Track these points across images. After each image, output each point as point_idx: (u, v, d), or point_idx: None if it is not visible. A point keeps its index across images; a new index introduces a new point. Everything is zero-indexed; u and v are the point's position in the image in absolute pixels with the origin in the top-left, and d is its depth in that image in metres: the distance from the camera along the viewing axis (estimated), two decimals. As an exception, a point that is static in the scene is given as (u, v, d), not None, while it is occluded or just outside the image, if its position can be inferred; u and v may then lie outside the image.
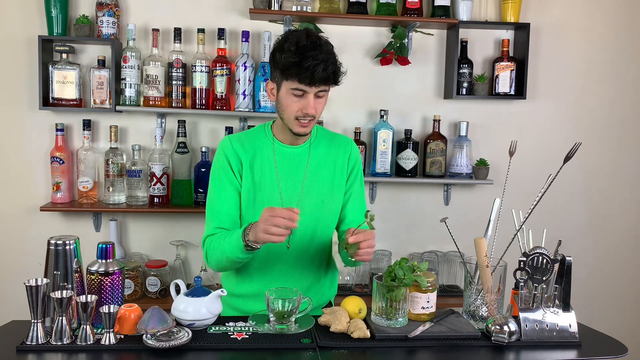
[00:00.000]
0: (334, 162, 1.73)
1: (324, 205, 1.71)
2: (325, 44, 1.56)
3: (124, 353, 1.31)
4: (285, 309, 1.41)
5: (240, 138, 1.71)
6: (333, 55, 1.56)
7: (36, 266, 2.47)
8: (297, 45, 1.52)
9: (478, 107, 2.77)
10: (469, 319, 1.52)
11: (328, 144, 1.75)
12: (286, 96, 1.58)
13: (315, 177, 1.71)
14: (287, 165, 1.69)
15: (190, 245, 2.67)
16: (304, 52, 1.51)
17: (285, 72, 1.54)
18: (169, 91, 2.53)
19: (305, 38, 1.53)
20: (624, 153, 2.89)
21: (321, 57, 1.51)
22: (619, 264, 2.95)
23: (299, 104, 1.57)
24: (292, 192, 1.69)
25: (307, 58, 1.50)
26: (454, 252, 2.70)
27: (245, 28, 2.57)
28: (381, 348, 1.37)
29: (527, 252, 1.45)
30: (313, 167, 1.71)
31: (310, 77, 1.51)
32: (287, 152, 1.70)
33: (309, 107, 1.56)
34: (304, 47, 1.51)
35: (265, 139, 1.71)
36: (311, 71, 1.50)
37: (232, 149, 1.68)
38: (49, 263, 1.40)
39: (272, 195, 1.68)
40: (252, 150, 1.69)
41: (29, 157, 2.56)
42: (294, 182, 1.69)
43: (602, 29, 2.80)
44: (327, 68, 1.52)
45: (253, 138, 1.72)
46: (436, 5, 2.60)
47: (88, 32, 2.45)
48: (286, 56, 1.52)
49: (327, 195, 1.71)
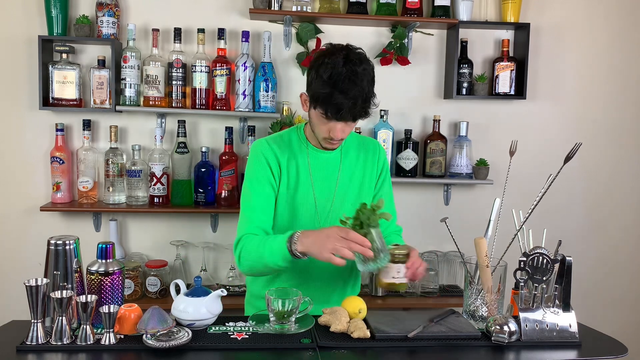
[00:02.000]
0: (363, 165, 1.74)
1: (355, 209, 1.71)
2: (362, 73, 1.49)
3: (124, 353, 1.31)
4: (285, 309, 1.41)
5: (276, 140, 1.70)
6: (366, 89, 1.49)
7: (36, 266, 2.47)
8: (331, 73, 1.47)
9: (478, 107, 2.77)
10: (469, 319, 1.52)
11: (358, 148, 1.76)
12: (315, 117, 1.58)
13: (347, 181, 1.72)
14: (321, 170, 1.70)
15: (190, 245, 2.67)
16: (336, 85, 1.47)
17: (315, 100, 1.53)
18: (169, 91, 2.53)
19: (342, 64, 1.48)
20: (624, 153, 2.89)
21: (352, 94, 1.47)
22: (619, 264, 2.95)
23: (327, 127, 1.56)
24: (326, 197, 1.69)
25: (337, 93, 1.46)
26: (454, 252, 2.70)
27: (245, 28, 2.57)
28: (381, 348, 1.37)
29: (527, 252, 1.45)
30: (345, 171, 1.72)
31: (336, 114, 1.50)
32: (321, 157, 1.70)
33: (336, 133, 1.56)
34: (338, 78, 1.46)
35: (299, 142, 1.71)
36: (338, 108, 1.48)
37: (270, 150, 1.67)
38: (49, 263, 1.40)
39: (307, 198, 1.68)
40: (287, 153, 1.68)
41: (29, 157, 2.56)
42: (327, 187, 1.70)
43: (602, 29, 2.80)
44: (355, 108, 1.49)
45: (287, 141, 1.71)
46: (436, 5, 2.60)
47: (88, 32, 2.45)
48: (318, 84, 1.50)
49: (358, 199, 1.71)
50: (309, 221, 1.69)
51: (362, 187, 1.74)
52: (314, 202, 1.69)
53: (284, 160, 1.67)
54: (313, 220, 1.69)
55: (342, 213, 1.68)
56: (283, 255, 1.48)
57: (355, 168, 1.73)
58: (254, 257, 1.56)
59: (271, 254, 1.51)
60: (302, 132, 1.72)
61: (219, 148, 2.61)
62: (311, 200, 1.69)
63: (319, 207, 1.69)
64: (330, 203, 1.70)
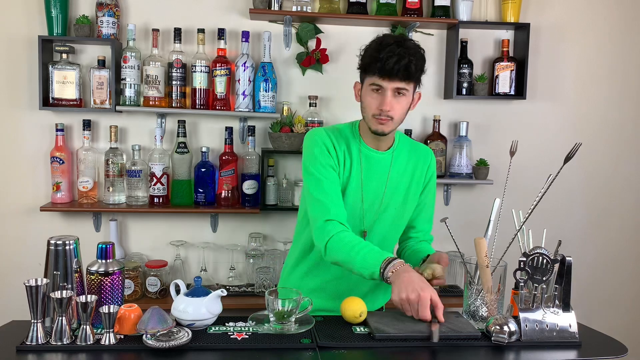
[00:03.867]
0: (412, 172, 1.73)
1: (398, 215, 1.72)
2: (413, 45, 1.56)
3: (124, 353, 1.31)
4: (285, 309, 1.41)
5: (333, 131, 1.70)
6: (414, 52, 1.54)
7: (36, 266, 2.47)
8: (380, 41, 1.55)
9: (478, 107, 2.77)
10: (469, 319, 1.51)
11: (409, 153, 1.74)
12: (366, 93, 1.60)
13: (395, 185, 1.70)
14: (371, 169, 1.68)
15: (190, 246, 2.67)
16: (384, 47, 1.53)
17: (365, 67, 1.57)
18: (169, 91, 2.52)
19: (391, 37, 1.56)
20: (624, 153, 2.89)
21: (398, 51, 1.51)
22: (619, 264, 2.95)
23: (376, 101, 1.57)
24: (374, 197, 1.69)
25: (384, 51, 1.52)
26: (454, 252, 2.68)
27: (245, 28, 2.57)
28: (381, 348, 1.37)
29: (527, 252, 1.45)
30: (394, 175, 1.70)
31: (382, 69, 1.52)
32: (372, 156, 1.68)
33: (385, 104, 1.55)
34: (387, 43, 1.53)
35: (353, 138, 1.70)
36: (384, 62, 1.51)
37: (329, 138, 1.66)
38: (49, 263, 1.40)
39: (356, 195, 1.67)
40: (344, 146, 1.68)
41: (29, 157, 2.56)
42: (375, 188, 1.69)
43: (602, 29, 2.80)
44: (401, 60, 1.51)
45: (343, 134, 1.70)
46: (436, 5, 2.60)
47: (88, 32, 2.45)
48: (368, 53, 1.56)
49: (402, 204, 1.71)
50: (355, 216, 1.68)
51: (408, 192, 1.72)
52: (361, 201, 1.67)
53: (341, 152, 1.66)
54: (358, 218, 1.68)
55: (387, 214, 1.69)
56: (371, 274, 1.49)
57: (405, 172, 1.72)
58: (343, 256, 1.54)
59: (362, 266, 1.50)
60: (356, 129, 1.71)
61: (219, 148, 2.61)
62: (359, 198, 1.67)
63: (365, 206, 1.68)
64: (378, 204, 1.69)
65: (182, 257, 2.65)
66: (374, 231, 1.70)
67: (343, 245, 1.54)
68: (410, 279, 1.42)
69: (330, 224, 1.57)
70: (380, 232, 1.71)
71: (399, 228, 1.76)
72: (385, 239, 1.73)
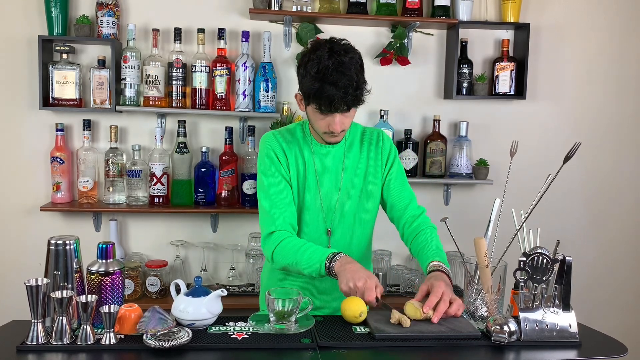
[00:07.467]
0: (367, 156, 1.74)
1: (362, 202, 1.73)
2: (349, 62, 1.50)
3: (124, 353, 1.31)
4: (285, 308, 1.41)
5: (283, 134, 1.72)
6: (355, 77, 1.50)
7: (36, 266, 2.47)
8: (318, 67, 1.49)
9: (478, 107, 2.77)
10: (469, 319, 1.52)
11: (361, 140, 1.76)
12: (312, 113, 1.59)
13: (352, 176, 1.72)
14: (325, 165, 1.71)
15: (190, 245, 2.67)
16: (325, 79, 1.48)
17: (307, 97, 1.54)
18: (169, 91, 2.53)
19: (327, 57, 1.49)
20: (624, 153, 2.89)
21: (342, 84, 1.48)
22: (619, 263, 2.95)
23: (325, 121, 1.57)
24: (331, 192, 1.71)
25: (326, 86, 1.48)
26: (454, 252, 2.69)
27: (245, 28, 2.57)
28: (381, 348, 1.37)
29: (527, 252, 1.45)
30: (349, 165, 1.72)
31: (329, 107, 1.51)
32: (325, 152, 1.71)
33: (335, 126, 1.56)
34: (325, 71, 1.48)
35: (303, 137, 1.72)
36: (330, 100, 1.49)
37: (277, 143, 1.68)
38: (49, 263, 1.40)
39: (313, 194, 1.69)
40: (295, 148, 1.70)
41: (29, 157, 2.56)
42: (331, 182, 1.71)
43: (602, 29, 2.80)
44: (346, 97, 1.49)
45: (293, 135, 1.72)
46: (436, 5, 2.60)
47: (88, 32, 2.45)
48: (307, 81, 1.52)
49: (363, 191, 1.72)
50: (316, 217, 1.71)
51: (367, 178, 1.73)
52: (320, 198, 1.70)
53: (292, 155, 1.69)
54: (320, 216, 1.71)
55: (347, 207, 1.71)
56: (319, 270, 1.53)
57: (360, 160, 1.73)
58: (290, 260, 1.59)
59: (308, 265, 1.55)
60: (306, 128, 1.73)
61: (219, 148, 2.61)
62: (317, 196, 1.70)
63: (324, 203, 1.70)
64: (336, 198, 1.71)
65: (182, 257, 2.65)
66: (339, 227, 1.72)
67: (288, 250, 1.59)
68: (354, 269, 1.48)
69: (274, 235, 1.63)
70: (345, 226, 1.72)
71: (366, 219, 1.75)
72: (352, 234, 1.73)
